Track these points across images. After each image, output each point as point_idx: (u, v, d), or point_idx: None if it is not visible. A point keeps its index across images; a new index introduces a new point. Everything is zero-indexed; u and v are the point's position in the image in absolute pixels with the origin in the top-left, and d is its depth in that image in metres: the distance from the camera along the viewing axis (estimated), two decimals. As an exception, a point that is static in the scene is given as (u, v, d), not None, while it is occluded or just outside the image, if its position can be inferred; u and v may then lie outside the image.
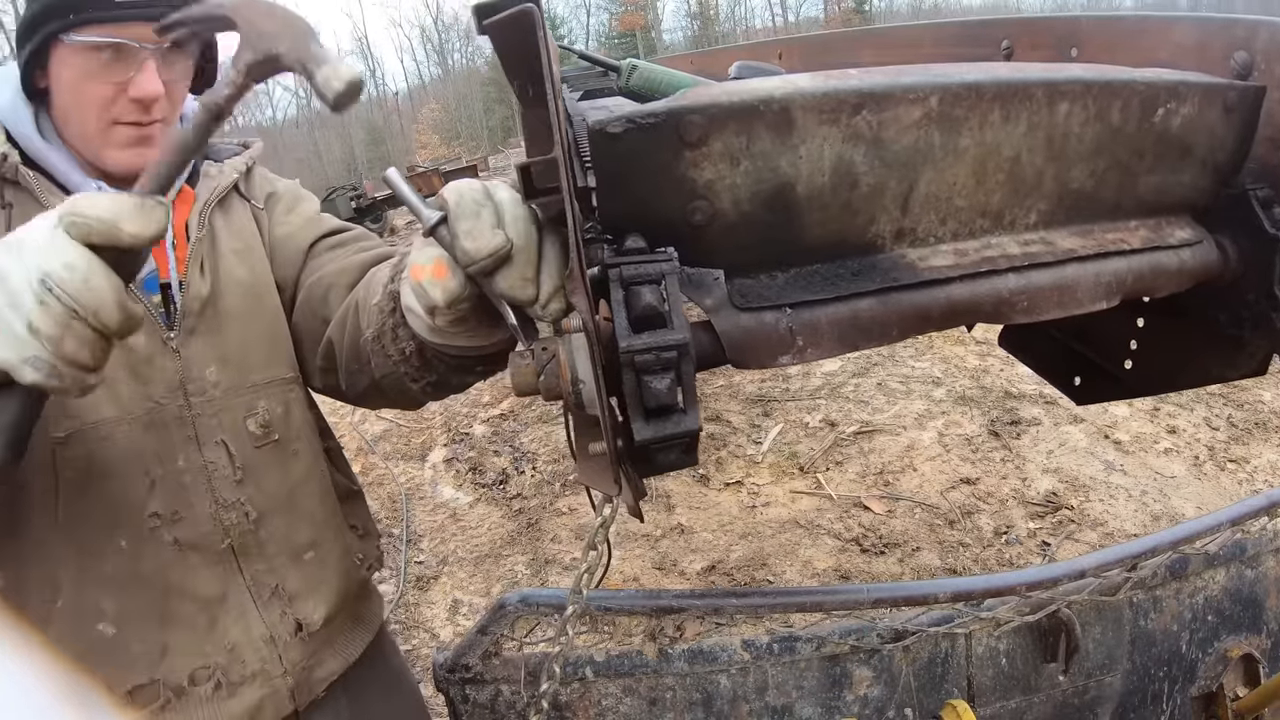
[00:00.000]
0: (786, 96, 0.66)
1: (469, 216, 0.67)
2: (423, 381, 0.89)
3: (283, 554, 1.05)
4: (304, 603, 1.06)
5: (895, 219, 0.75)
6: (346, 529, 1.17)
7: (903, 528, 3.37)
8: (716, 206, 0.68)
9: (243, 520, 1.00)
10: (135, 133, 0.91)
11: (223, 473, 0.98)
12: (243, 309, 1.02)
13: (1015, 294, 0.78)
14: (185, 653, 0.96)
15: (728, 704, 1.08)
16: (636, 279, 0.62)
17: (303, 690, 1.07)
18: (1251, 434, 3.83)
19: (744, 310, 0.69)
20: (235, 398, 1.00)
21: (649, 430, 0.61)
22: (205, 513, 0.97)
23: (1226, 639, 1.24)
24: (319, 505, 1.10)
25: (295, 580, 1.06)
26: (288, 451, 1.06)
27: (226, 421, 0.99)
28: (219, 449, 0.98)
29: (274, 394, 1.04)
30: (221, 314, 1.00)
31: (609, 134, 0.63)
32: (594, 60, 1.92)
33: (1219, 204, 0.94)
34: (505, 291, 0.68)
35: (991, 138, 0.75)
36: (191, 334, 0.97)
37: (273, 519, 1.03)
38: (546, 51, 0.58)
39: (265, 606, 1.02)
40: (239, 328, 1.01)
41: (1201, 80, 0.88)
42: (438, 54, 46.37)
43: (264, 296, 1.05)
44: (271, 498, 1.03)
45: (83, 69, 0.87)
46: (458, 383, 0.92)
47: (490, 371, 0.88)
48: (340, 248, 1.10)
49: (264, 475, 1.02)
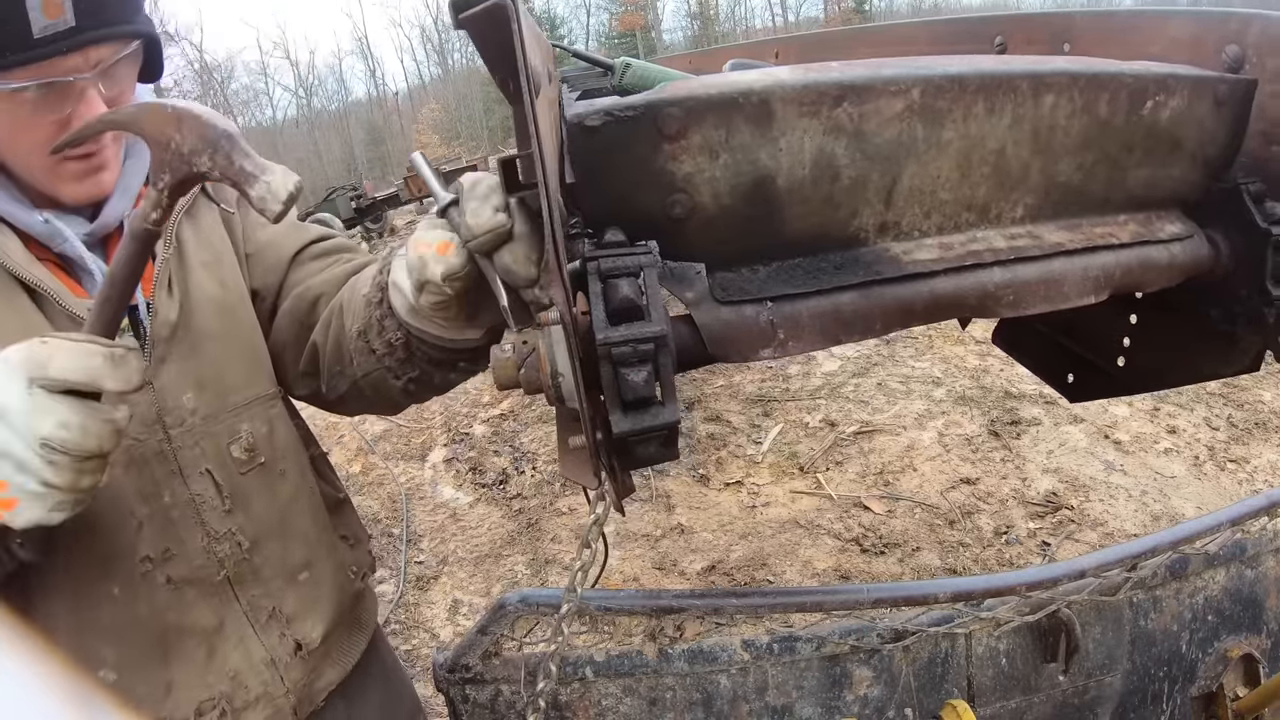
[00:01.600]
0: (766, 89, 0.65)
1: (478, 199, 0.71)
2: (404, 378, 0.89)
3: (278, 577, 1.02)
4: (302, 623, 1.05)
5: (878, 212, 0.74)
6: (338, 541, 1.15)
7: (903, 528, 3.36)
8: (696, 200, 0.68)
9: (236, 550, 0.97)
10: (86, 165, 0.85)
11: (211, 504, 0.95)
12: (216, 327, 0.97)
13: (1001, 288, 0.78)
14: (189, 687, 0.94)
15: (728, 704, 1.07)
16: (614, 272, 0.62)
17: (304, 704, 1.06)
18: (1251, 434, 3.80)
19: (725, 303, 0.69)
20: (216, 423, 0.96)
21: (627, 423, 0.61)
22: (197, 547, 0.94)
23: (1226, 639, 1.23)
24: (310, 523, 1.08)
25: (292, 602, 1.04)
26: (275, 473, 1.02)
27: (210, 450, 0.95)
28: (204, 480, 0.94)
29: (256, 414, 1.00)
30: (194, 335, 0.94)
31: (587, 127, 0.63)
32: (589, 59, 1.92)
33: (1210, 198, 0.94)
34: (508, 266, 0.71)
35: (976, 130, 0.75)
36: (164, 362, 0.91)
37: (266, 544, 1.00)
38: (521, 45, 0.58)
39: (264, 630, 1.00)
40: (214, 348, 0.96)
41: (1191, 73, 0.88)
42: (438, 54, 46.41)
43: (238, 309, 1.00)
44: (263, 523, 1.00)
45: (14, 116, 0.79)
46: (440, 381, 0.91)
47: (471, 370, 0.88)
48: (326, 257, 1.08)
49: (253, 501, 0.99)
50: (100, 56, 0.78)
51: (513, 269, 0.70)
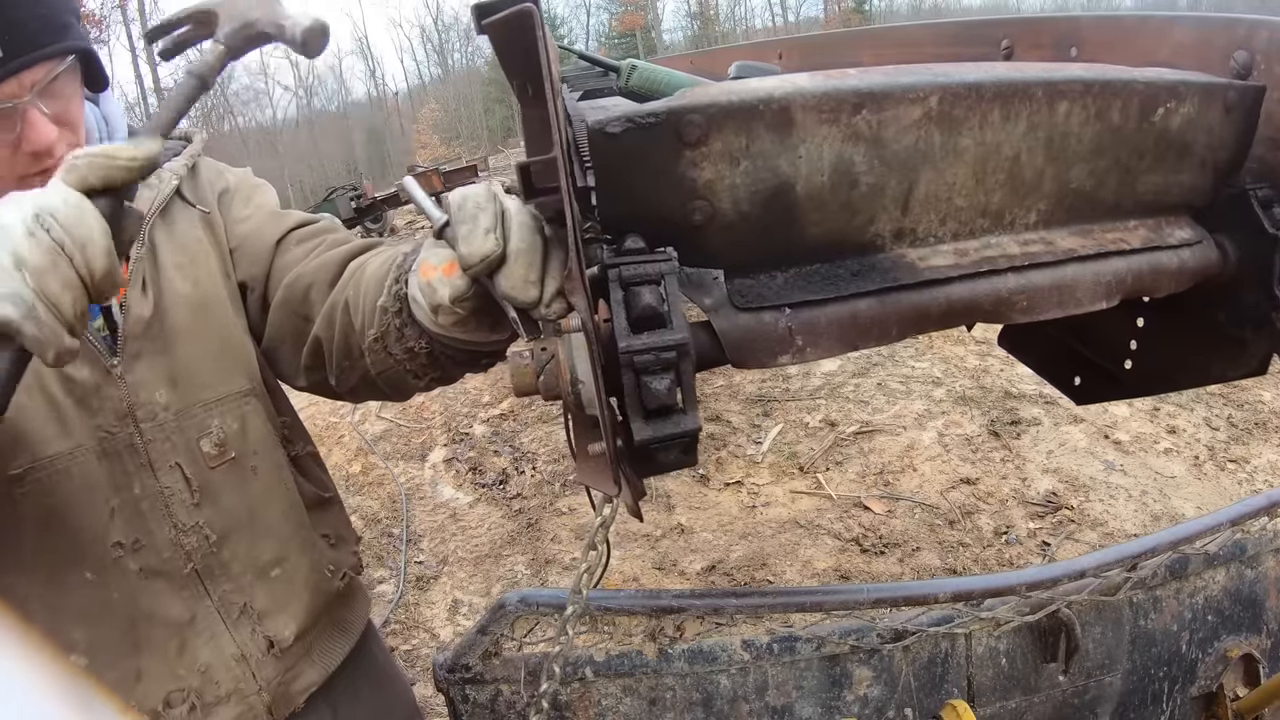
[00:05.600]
0: (786, 96, 0.66)
1: (467, 221, 0.70)
2: (426, 378, 0.90)
3: (248, 572, 1.03)
4: (274, 620, 1.05)
5: (895, 219, 0.75)
6: (317, 540, 1.14)
7: (903, 528, 3.37)
8: (716, 206, 0.68)
9: (203, 543, 0.98)
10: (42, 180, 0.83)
11: (179, 497, 0.96)
12: (189, 325, 0.98)
13: (1015, 293, 0.78)
14: (158, 677, 0.95)
15: (728, 704, 1.07)
16: (636, 279, 0.62)
17: (280, 704, 1.06)
18: (1251, 434, 3.82)
19: (743, 310, 0.69)
20: (187, 419, 0.97)
21: (649, 430, 0.61)
22: (165, 539, 0.95)
23: (1226, 639, 1.24)
24: (283, 520, 1.08)
25: (263, 598, 1.04)
26: (245, 469, 1.03)
27: (180, 444, 0.96)
28: (174, 473, 0.96)
29: (228, 410, 1.01)
30: (167, 333, 0.96)
31: (608, 134, 0.63)
32: (594, 60, 1.92)
33: (1219, 204, 0.94)
34: (506, 293, 0.70)
35: (991, 137, 0.75)
36: (136, 358, 0.94)
37: (234, 539, 1.01)
38: (545, 51, 0.58)
39: (235, 626, 1.01)
40: (186, 345, 0.98)
41: (1201, 80, 0.88)
42: (438, 54, 46.37)
43: (211, 307, 1.01)
44: (231, 517, 1.01)
45: None
46: (459, 374, 0.92)
47: (493, 363, 0.89)
48: (311, 240, 1.07)
49: (221, 495, 1.00)
50: (35, 79, 0.80)
51: (510, 294, 0.70)
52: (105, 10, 31.15)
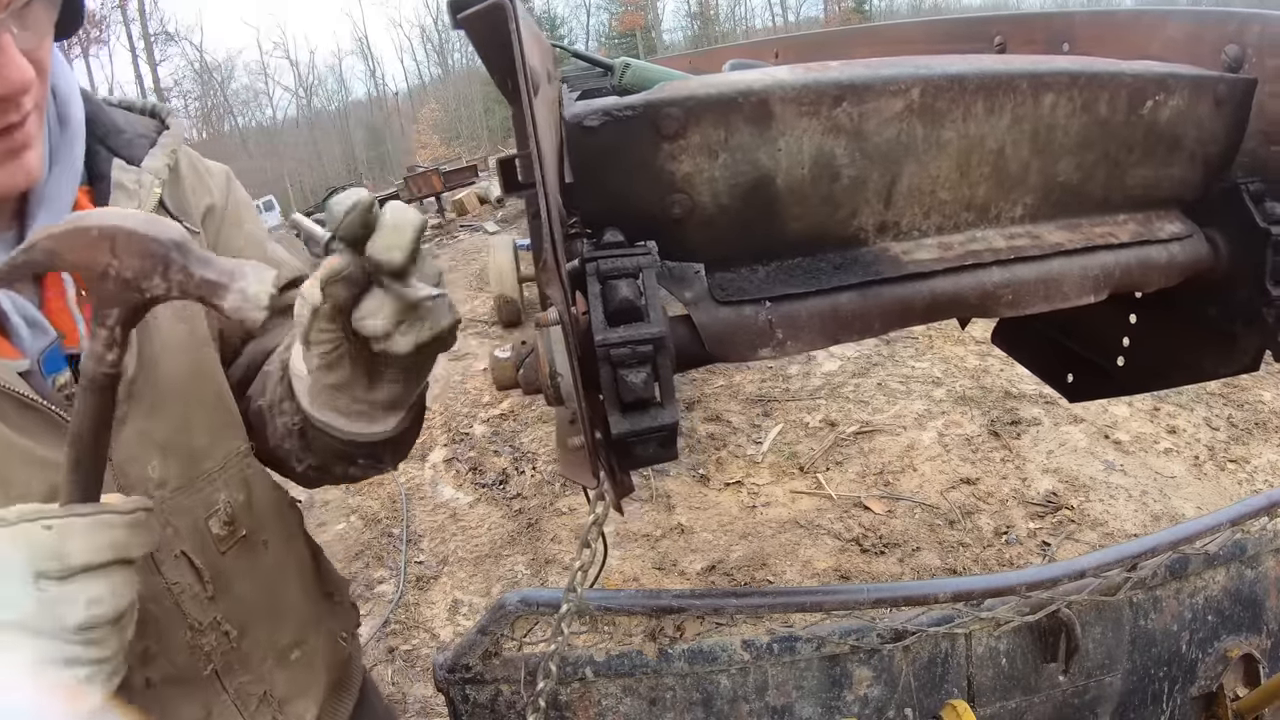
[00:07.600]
0: (765, 89, 0.65)
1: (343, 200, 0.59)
2: (304, 464, 0.81)
3: (268, 659, 0.91)
4: (295, 705, 0.94)
5: (878, 212, 0.74)
6: (328, 606, 1.05)
7: (903, 528, 3.36)
8: (695, 200, 0.68)
9: (223, 640, 0.83)
10: (6, 145, 0.65)
11: (191, 591, 0.80)
12: (181, 378, 0.79)
13: (1000, 287, 0.77)
14: None
15: (728, 704, 1.07)
16: (613, 273, 0.62)
17: None
18: (1251, 434, 3.80)
19: (724, 304, 0.69)
20: (190, 495, 0.80)
21: (625, 424, 0.60)
22: (181, 643, 0.80)
23: (1226, 639, 1.23)
24: (300, 593, 0.97)
25: (283, 684, 0.92)
26: (257, 544, 0.89)
27: (184, 528, 0.79)
28: (180, 564, 0.79)
29: (232, 477, 0.85)
30: (156, 390, 0.76)
31: (586, 127, 0.63)
32: (589, 59, 1.92)
33: (1210, 198, 0.93)
34: (375, 254, 0.58)
35: (975, 130, 0.75)
36: (121, 424, 0.73)
37: (254, 628, 0.88)
38: (520, 45, 0.58)
39: (254, 716, 0.89)
40: (178, 403, 0.79)
41: (1191, 73, 0.88)
42: (438, 54, 46.44)
43: (203, 349, 0.83)
44: (250, 605, 0.87)
45: None
46: (340, 473, 0.80)
47: (374, 467, 0.78)
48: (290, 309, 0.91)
49: (235, 582, 0.85)
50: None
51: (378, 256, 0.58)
52: (105, 10, 31.25)
